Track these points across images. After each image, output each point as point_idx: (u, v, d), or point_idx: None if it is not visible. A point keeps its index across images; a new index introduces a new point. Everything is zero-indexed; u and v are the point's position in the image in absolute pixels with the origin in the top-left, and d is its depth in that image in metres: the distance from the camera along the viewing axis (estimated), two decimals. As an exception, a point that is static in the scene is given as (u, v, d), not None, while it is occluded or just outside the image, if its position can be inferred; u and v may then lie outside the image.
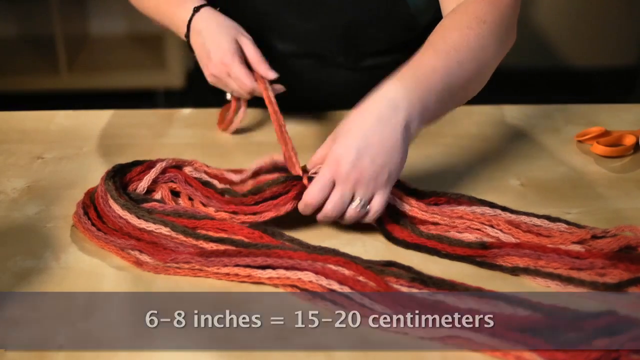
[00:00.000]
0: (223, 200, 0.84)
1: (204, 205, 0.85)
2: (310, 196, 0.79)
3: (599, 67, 2.97)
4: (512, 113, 1.10)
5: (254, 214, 0.82)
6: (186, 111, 1.11)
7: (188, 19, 1.01)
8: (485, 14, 0.88)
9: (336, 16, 1.02)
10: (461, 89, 0.85)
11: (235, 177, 0.90)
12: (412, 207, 0.83)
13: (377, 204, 0.80)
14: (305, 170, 0.84)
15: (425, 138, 1.02)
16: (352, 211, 0.80)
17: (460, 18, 0.88)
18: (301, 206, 0.81)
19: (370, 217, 0.81)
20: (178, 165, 0.89)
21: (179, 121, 1.09)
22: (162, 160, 0.89)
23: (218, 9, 1.04)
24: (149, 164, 0.88)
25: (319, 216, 0.81)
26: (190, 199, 0.87)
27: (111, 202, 0.82)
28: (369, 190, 0.79)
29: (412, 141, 0.81)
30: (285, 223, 0.83)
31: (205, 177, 0.89)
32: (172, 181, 0.88)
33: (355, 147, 0.78)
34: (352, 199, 0.79)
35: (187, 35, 1.02)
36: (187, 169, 0.89)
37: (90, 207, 0.83)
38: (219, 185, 0.88)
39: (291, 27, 1.05)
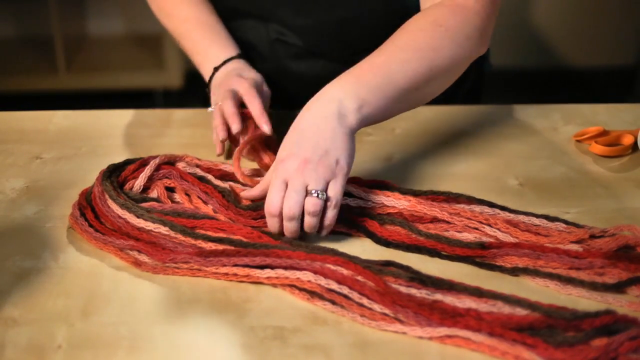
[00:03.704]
0: (223, 204, 0.84)
1: (203, 201, 0.85)
2: (270, 204, 0.78)
3: (597, 66, 2.97)
4: (511, 113, 1.10)
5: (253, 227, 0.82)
6: (184, 111, 1.11)
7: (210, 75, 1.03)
8: (445, 19, 0.89)
9: (332, 12, 1.02)
10: (410, 85, 0.85)
11: (230, 169, 0.91)
12: (410, 202, 0.84)
13: (334, 191, 0.78)
14: None
15: (424, 138, 1.02)
16: (311, 202, 0.77)
17: (417, 21, 0.90)
18: (268, 222, 0.79)
19: (332, 205, 0.78)
20: (170, 162, 0.90)
21: (178, 121, 1.09)
22: (154, 157, 0.89)
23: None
24: (142, 162, 0.89)
25: (285, 225, 0.78)
26: (187, 194, 0.87)
27: (109, 202, 0.82)
28: (320, 178, 0.77)
29: (354, 130, 0.81)
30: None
31: (200, 172, 0.89)
32: (167, 177, 0.88)
33: (295, 142, 0.79)
34: (307, 194, 0.77)
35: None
36: (180, 165, 0.90)
37: (87, 208, 0.83)
38: (215, 181, 0.88)
39: (287, 22, 1.05)
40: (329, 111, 0.80)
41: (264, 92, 1.01)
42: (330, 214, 0.79)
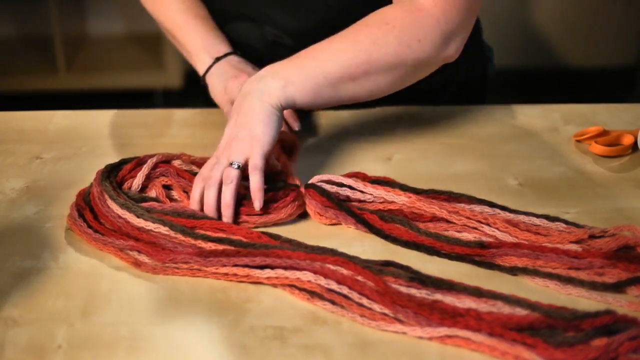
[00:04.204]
0: None
1: None
2: (199, 173, 0.85)
3: (597, 66, 2.97)
4: (511, 112, 1.10)
5: (256, 215, 0.83)
6: (184, 111, 1.11)
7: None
8: (395, 19, 0.90)
9: (325, 15, 1.02)
10: (342, 74, 0.88)
11: None
12: (410, 198, 0.84)
13: (252, 160, 0.83)
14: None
15: (425, 138, 1.02)
16: (227, 171, 0.83)
17: (367, 18, 0.91)
18: (193, 187, 0.85)
19: (251, 171, 0.83)
20: (166, 160, 0.90)
21: (178, 121, 1.09)
22: (150, 156, 0.90)
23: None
24: (138, 161, 0.89)
25: (205, 192, 0.83)
26: (185, 191, 0.87)
27: (109, 202, 0.82)
28: (239, 152, 0.84)
29: (276, 106, 0.86)
30: (285, 222, 0.84)
31: (196, 169, 0.90)
32: (163, 175, 0.89)
33: (227, 124, 0.87)
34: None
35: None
36: (176, 162, 0.90)
37: (86, 208, 0.83)
38: None
39: (281, 25, 1.05)
40: (251, 89, 0.87)
41: None
42: (253, 179, 0.83)
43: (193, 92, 1.24)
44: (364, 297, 0.71)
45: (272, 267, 0.74)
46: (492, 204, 0.85)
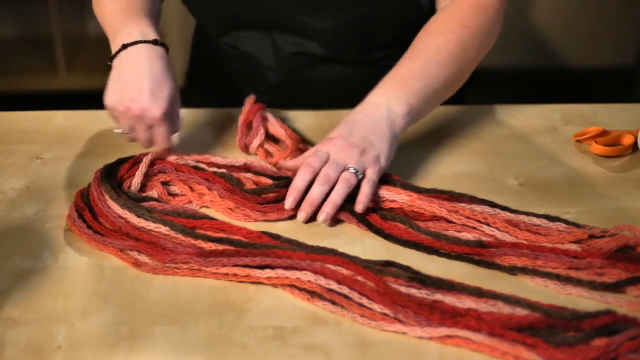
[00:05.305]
0: (228, 189, 0.85)
1: (206, 187, 0.86)
2: (309, 163, 0.84)
3: (597, 66, 2.97)
4: (511, 113, 1.10)
5: (259, 212, 0.84)
6: (184, 111, 1.11)
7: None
8: (470, 19, 0.94)
9: (348, 13, 1.03)
10: (444, 87, 0.93)
11: (222, 161, 0.91)
12: (410, 197, 0.84)
13: (369, 173, 0.84)
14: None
15: (425, 138, 1.02)
16: (347, 174, 0.83)
17: (445, 21, 0.95)
18: (297, 177, 0.83)
19: (366, 181, 0.84)
20: (161, 157, 0.91)
21: (178, 121, 1.08)
22: (145, 154, 0.90)
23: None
24: (135, 160, 0.89)
25: (313, 189, 0.83)
26: (186, 184, 0.87)
27: (110, 202, 0.82)
28: (361, 162, 0.84)
29: (399, 134, 0.89)
30: (285, 223, 0.84)
31: (191, 162, 0.90)
32: (161, 172, 0.89)
33: (347, 129, 0.87)
34: (344, 171, 0.84)
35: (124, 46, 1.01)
36: (171, 158, 0.90)
37: (85, 209, 0.83)
38: (210, 168, 0.89)
39: (303, 25, 1.05)
40: (379, 114, 0.88)
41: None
42: (366, 188, 0.84)
43: (193, 92, 1.24)
44: (364, 297, 0.71)
45: (272, 267, 0.74)
46: (493, 204, 0.85)
